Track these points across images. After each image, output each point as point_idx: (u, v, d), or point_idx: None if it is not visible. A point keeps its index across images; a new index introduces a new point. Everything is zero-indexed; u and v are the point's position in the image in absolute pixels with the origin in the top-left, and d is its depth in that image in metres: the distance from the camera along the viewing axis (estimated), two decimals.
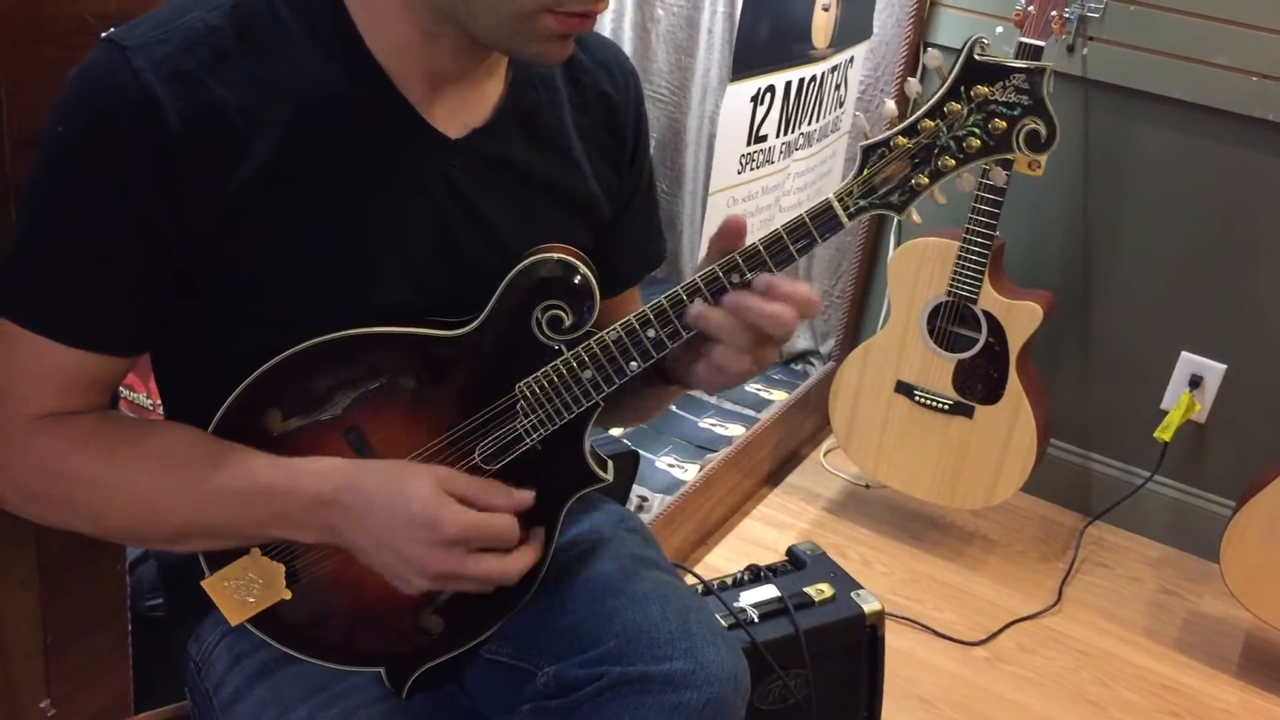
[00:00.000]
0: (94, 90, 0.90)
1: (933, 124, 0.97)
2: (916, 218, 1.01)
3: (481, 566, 0.97)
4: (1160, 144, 2.47)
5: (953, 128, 0.97)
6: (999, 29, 2.49)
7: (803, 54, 2.14)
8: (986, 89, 0.96)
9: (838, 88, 2.33)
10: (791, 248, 0.98)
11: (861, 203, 0.99)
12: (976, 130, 0.97)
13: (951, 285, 2.35)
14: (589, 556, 1.13)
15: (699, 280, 0.99)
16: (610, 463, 1.07)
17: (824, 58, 2.21)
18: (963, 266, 2.32)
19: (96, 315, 0.94)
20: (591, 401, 1.02)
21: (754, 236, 1.00)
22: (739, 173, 2.09)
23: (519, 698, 1.05)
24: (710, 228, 2.08)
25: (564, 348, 1.01)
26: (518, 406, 1.02)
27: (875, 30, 2.54)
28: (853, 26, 2.32)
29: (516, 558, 1.00)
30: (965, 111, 0.96)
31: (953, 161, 0.98)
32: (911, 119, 0.98)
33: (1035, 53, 2.18)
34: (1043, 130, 0.96)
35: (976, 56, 0.95)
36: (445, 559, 0.95)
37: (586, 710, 0.99)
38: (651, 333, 0.99)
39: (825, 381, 2.74)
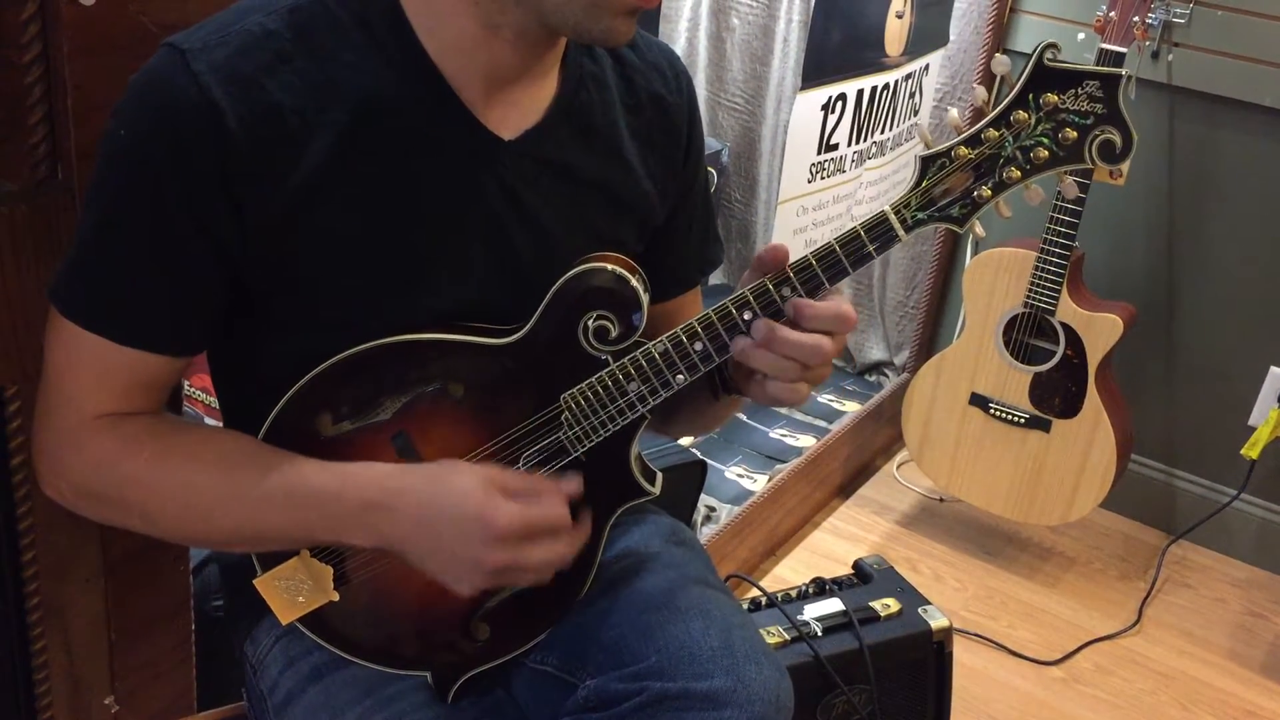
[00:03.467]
0: (154, 93, 0.91)
1: (997, 134, 0.94)
2: (980, 230, 0.98)
3: (537, 554, 0.96)
4: (1248, 152, 2.40)
5: (1019, 137, 0.93)
6: (1080, 35, 2.44)
7: (875, 62, 2.11)
8: (1056, 97, 0.92)
9: (912, 96, 2.31)
10: (845, 260, 0.96)
11: (920, 215, 0.96)
12: (1045, 140, 0.93)
13: (1029, 296, 2.30)
14: (635, 569, 1.12)
15: (748, 293, 0.97)
16: (659, 475, 1.06)
17: (897, 65, 2.18)
18: (1040, 277, 2.28)
19: (157, 317, 0.96)
20: (637, 414, 1.01)
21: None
22: (809, 181, 2.07)
23: (563, 708, 1.05)
24: (780, 237, 2.06)
25: (610, 359, 1.00)
26: (562, 417, 1.01)
27: (952, 37, 2.50)
28: (928, 34, 2.29)
29: (569, 541, 0.99)
30: (1033, 121, 0.93)
31: (1018, 173, 0.94)
32: (975, 128, 0.95)
33: (1117, 59, 2.13)
34: (1118, 140, 0.92)
35: (1047, 62, 0.92)
36: (501, 555, 0.94)
37: None
38: (699, 346, 0.98)
39: (899, 393, 2.70)
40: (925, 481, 2.71)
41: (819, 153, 2.06)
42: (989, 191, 0.95)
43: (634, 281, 0.99)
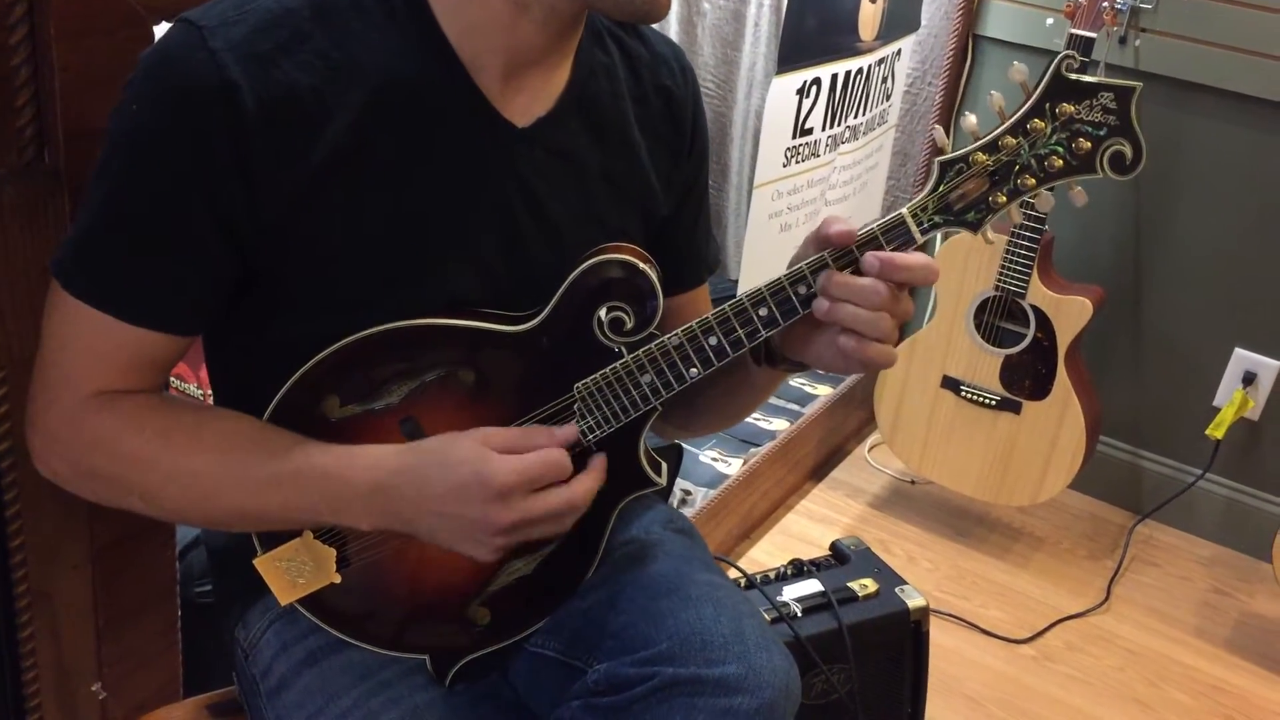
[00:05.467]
0: (171, 69, 0.90)
1: (1014, 141, 0.94)
2: (991, 237, 0.99)
3: (545, 501, 0.95)
4: (1214, 137, 2.43)
5: (1035, 146, 0.94)
6: (1049, 20, 2.47)
7: (849, 46, 2.12)
8: (1072, 107, 0.93)
9: (885, 81, 2.32)
10: (861, 262, 0.96)
11: (936, 219, 0.96)
12: (1059, 149, 0.94)
13: (999, 279, 2.33)
14: (640, 557, 1.12)
15: (765, 291, 0.98)
16: (664, 465, 1.06)
17: (871, 50, 2.19)
18: (1011, 260, 2.30)
19: (164, 295, 0.95)
20: (649, 406, 1.01)
21: (803, 230, 0.99)
22: (784, 166, 2.08)
23: (565, 693, 1.05)
24: (756, 222, 2.07)
25: (624, 350, 1.00)
26: (575, 407, 1.01)
27: (923, 22, 2.52)
28: (900, 18, 2.31)
29: (578, 483, 0.98)
30: (1049, 130, 0.94)
31: (1033, 181, 0.95)
32: (992, 135, 0.95)
33: (1086, 44, 2.15)
34: (1129, 152, 0.93)
35: (1064, 73, 0.93)
36: (506, 510, 0.94)
37: (637, 710, 0.98)
38: (713, 340, 0.98)
39: (870, 376, 2.72)
40: (896, 464, 2.73)
41: (794, 137, 2.07)
42: (1004, 198, 0.96)
43: (650, 272, 0.99)
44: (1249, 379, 2.53)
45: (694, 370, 1.00)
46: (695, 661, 0.98)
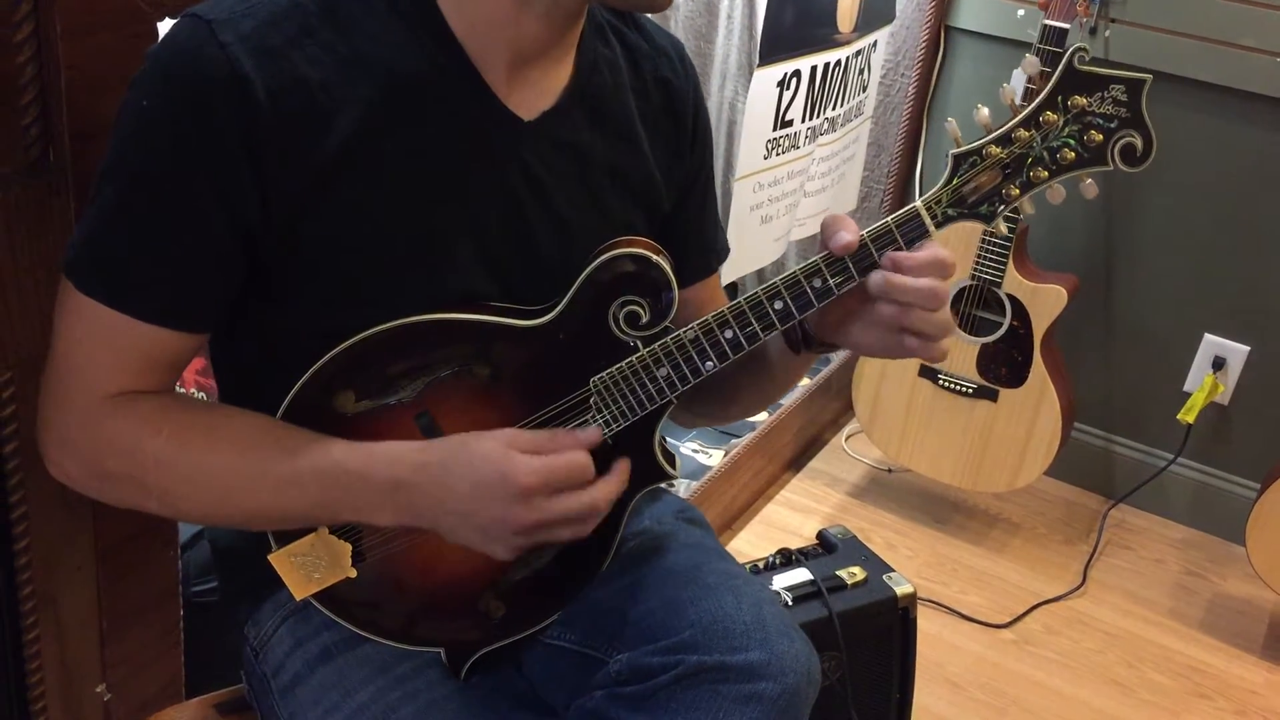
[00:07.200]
0: (181, 65, 0.89)
1: (1027, 134, 0.96)
2: (1003, 228, 1.00)
3: (565, 503, 0.96)
4: (1184, 126, 2.47)
5: (1047, 138, 0.96)
6: (1021, 12, 2.50)
7: (828, 38, 2.14)
8: (1084, 100, 0.94)
9: (861, 72, 2.34)
10: (875, 256, 0.98)
11: (950, 212, 0.98)
12: (1071, 142, 0.96)
13: (975, 269, 2.35)
14: (655, 547, 1.13)
15: (780, 284, 0.99)
16: (677, 457, 1.07)
17: (848, 42, 2.21)
18: (986, 250, 2.32)
19: (176, 292, 0.94)
20: (665, 399, 1.01)
21: (783, 222, 1.00)
22: (765, 158, 2.09)
23: (584, 684, 1.05)
24: (738, 214, 2.08)
25: (640, 344, 1.00)
26: (590, 401, 1.01)
27: (896, 14, 2.54)
28: (876, 10, 2.32)
29: (600, 486, 0.98)
30: (1061, 122, 0.95)
31: (1045, 173, 0.97)
32: (1006, 127, 0.96)
33: (1059, 35, 2.17)
34: (1139, 144, 0.95)
35: (1076, 65, 0.94)
36: (528, 510, 0.94)
37: (662, 698, 0.98)
38: (729, 334, 0.99)
39: (847, 366, 2.75)
40: (873, 453, 2.75)
41: (774, 129, 2.08)
42: (1017, 190, 0.97)
43: (664, 264, 1.00)
44: (1218, 364, 2.57)
45: (710, 364, 1.00)
46: (719, 649, 0.98)
